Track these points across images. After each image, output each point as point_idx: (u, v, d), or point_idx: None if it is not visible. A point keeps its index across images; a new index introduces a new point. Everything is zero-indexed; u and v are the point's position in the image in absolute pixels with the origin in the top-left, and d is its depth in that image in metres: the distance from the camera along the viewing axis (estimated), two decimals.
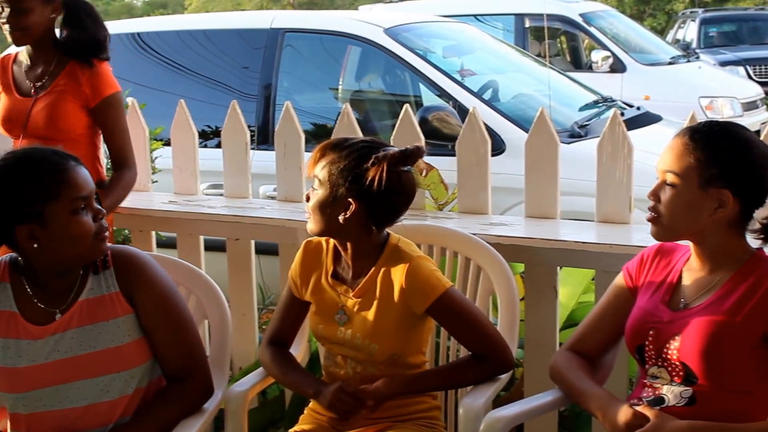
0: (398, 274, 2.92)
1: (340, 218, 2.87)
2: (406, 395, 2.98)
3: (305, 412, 3.16)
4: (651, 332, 2.70)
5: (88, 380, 2.72)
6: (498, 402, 3.22)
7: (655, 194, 2.65)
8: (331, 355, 3.10)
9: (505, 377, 3.03)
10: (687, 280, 2.73)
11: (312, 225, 2.96)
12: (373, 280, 2.95)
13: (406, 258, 2.93)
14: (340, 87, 6.82)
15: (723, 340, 2.57)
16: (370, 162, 2.81)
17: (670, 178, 2.61)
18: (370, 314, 2.94)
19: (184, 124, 4.57)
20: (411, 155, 2.88)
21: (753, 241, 2.70)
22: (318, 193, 2.90)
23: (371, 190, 2.81)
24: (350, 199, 2.84)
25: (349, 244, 2.98)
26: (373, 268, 2.96)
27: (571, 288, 4.08)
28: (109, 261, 2.79)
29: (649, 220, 2.69)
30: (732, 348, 2.57)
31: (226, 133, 4.49)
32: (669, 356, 2.65)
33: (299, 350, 3.30)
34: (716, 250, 2.66)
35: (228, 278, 4.25)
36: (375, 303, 2.94)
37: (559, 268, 3.66)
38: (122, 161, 4.11)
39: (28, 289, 2.76)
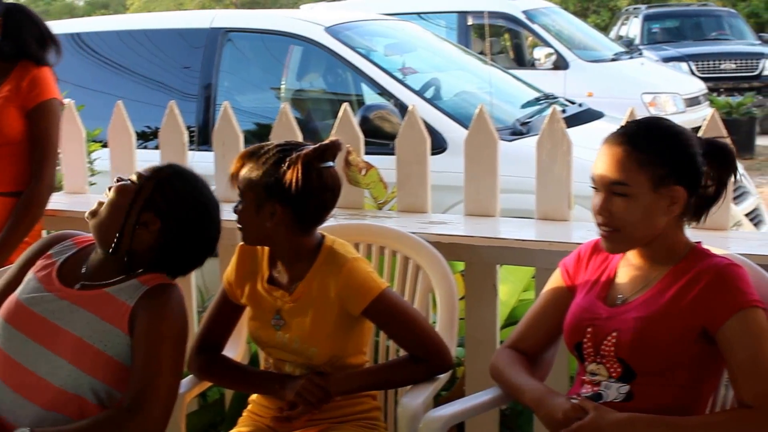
0: (334, 277, 2.90)
1: (268, 225, 2.85)
2: (344, 394, 2.96)
3: (243, 414, 3.14)
4: (589, 329, 2.69)
5: (47, 351, 2.70)
6: (439, 401, 3.21)
7: (607, 209, 2.59)
8: (270, 358, 3.08)
9: (444, 377, 3.02)
10: (623, 275, 2.73)
11: (243, 236, 2.94)
12: (309, 284, 2.93)
13: (341, 260, 2.91)
14: (282, 86, 6.79)
15: (660, 334, 2.56)
16: (286, 165, 2.80)
17: (619, 188, 2.56)
18: (307, 318, 2.92)
19: (122, 125, 4.52)
20: (327, 150, 2.86)
21: (692, 236, 2.71)
22: (243, 204, 2.89)
23: (291, 192, 2.79)
24: (274, 205, 2.82)
25: (282, 250, 2.96)
26: (308, 272, 2.94)
27: (512, 286, 4.09)
28: (150, 282, 2.77)
29: (603, 236, 2.64)
30: (669, 343, 2.56)
31: (163, 134, 4.45)
32: (607, 352, 2.64)
33: (236, 353, 3.27)
34: (661, 245, 2.65)
35: None
36: (311, 306, 2.92)
37: (498, 266, 3.65)
38: (35, 173, 3.91)
39: (93, 255, 2.84)
